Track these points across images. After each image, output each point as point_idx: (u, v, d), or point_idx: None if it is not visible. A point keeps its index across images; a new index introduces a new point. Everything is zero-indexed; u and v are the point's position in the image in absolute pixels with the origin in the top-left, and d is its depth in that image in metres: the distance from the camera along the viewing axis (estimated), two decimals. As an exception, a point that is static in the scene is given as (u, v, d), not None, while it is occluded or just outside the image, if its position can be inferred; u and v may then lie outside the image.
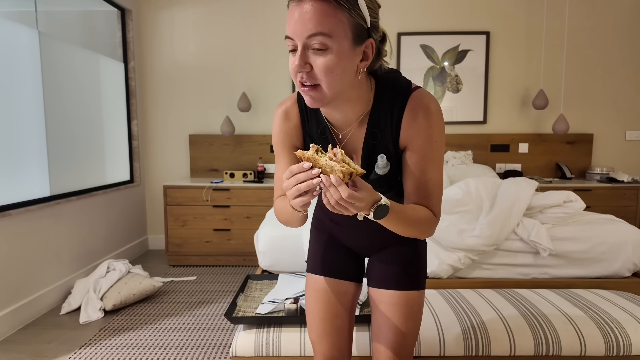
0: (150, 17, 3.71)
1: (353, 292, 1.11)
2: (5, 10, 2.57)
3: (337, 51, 0.76)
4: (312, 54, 0.76)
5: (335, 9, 0.74)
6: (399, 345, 1.02)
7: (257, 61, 3.74)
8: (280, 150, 0.99)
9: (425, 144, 0.87)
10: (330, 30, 0.74)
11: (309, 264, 1.14)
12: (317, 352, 1.09)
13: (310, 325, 1.09)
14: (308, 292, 1.11)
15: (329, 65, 0.76)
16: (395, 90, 0.88)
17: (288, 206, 0.87)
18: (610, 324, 1.46)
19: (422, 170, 0.88)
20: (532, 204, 2.20)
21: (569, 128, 3.48)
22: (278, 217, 0.97)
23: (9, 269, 2.25)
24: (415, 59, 3.70)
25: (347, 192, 0.70)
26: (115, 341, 2.13)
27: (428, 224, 0.88)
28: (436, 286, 2.09)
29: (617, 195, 3.28)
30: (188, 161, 3.86)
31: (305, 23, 0.74)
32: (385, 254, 1.06)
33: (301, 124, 0.97)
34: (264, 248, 2.19)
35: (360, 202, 0.73)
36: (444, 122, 0.89)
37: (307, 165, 0.73)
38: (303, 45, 0.76)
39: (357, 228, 1.07)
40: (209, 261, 3.40)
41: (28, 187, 2.43)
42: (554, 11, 3.64)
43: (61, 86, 2.74)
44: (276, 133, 0.98)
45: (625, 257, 2.10)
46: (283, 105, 0.98)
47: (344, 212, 0.74)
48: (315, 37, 0.74)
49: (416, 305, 1.03)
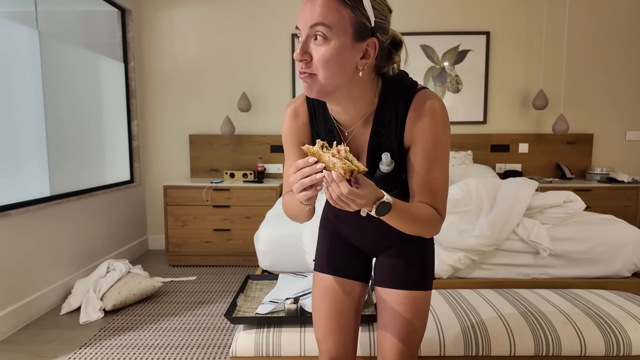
0: (151, 17, 3.71)
1: (360, 291, 1.12)
2: (6, 10, 2.57)
3: (336, 44, 0.79)
4: (313, 44, 0.80)
5: (338, 5, 0.78)
6: (404, 344, 1.02)
7: (257, 61, 3.74)
8: (290, 147, 1.02)
9: (430, 143, 0.88)
10: (331, 22, 0.78)
11: (316, 263, 1.15)
12: (322, 351, 1.10)
13: (317, 323, 1.10)
14: (315, 290, 1.13)
15: (326, 57, 0.79)
16: (400, 90, 0.90)
17: (295, 201, 0.90)
18: (610, 324, 1.46)
19: (427, 169, 0.89)
20: (532, 204, 2.20)
21: (569, 128, 3.48)
22: (286, 212, 1.00)
23: (9, 269, 2.25)
24: (415, 59, 3.70)
25: (347, 189, 0.72)
26: (115, 341, 2.13)
27: (432, 222, 0.88)
28: (436, 286, 2.09)
29: (617, 195, 3.28)
30: (188, 161, 3.86)
31: (311, 13, 0.78)
32: (392, 253, 1.07)
33: (309, 122, 1.00)
34: (264, 248, 2.19)
35: (361, 199, 0.74)
36: (449, 122, 0.90)
37: (311, 160, 0.75)
38: (307, 34, 0.80)
39: (364, 226, 1.08)
40: (209, 261, 3.40)
41: (28, 187, 2.43)
42: (554, 11, 3.65)
43: (61, 86, 2.74)
44: (286, 131, 1.01)
45: (626, 257, 2.10)
46: (293, 104, 1.00)
47: (346, 208, 0.76)
48: (317, 26, 0.78)
49: (422, 306, 1.03)
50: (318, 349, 1.13)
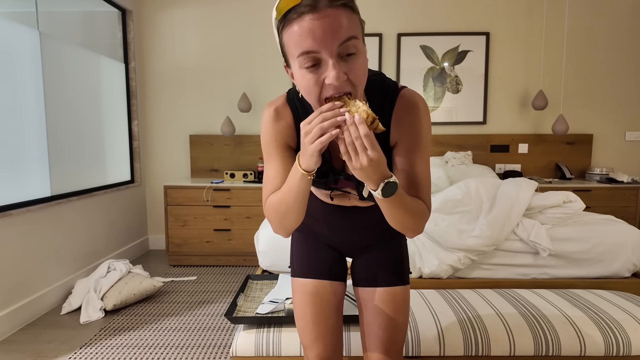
0: (151, 18, 3.72)
1: (341, 291, 1.12)
2: (6, 10, 2.57)
3: (364, 52, 0.77)
4: (344, 61, 0.74)
5: (352, 12, 0.74)
6: (389, 341, 1.03)
7: (257, 61, 3.75)
8: (273, 149, 0.94)
9: (415, 139, 0.89)
10: (357, 33, 0.74)
11: (294, 269, 1.13)
12: (310, 357, 1.08)
13: (303, 329, 1.08)
14: (297, 296, 1.10)
15: (364, 68, 0.76)
16: (384, 90, 0.91)
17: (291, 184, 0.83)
18: (610, 324, 1.47)
19: (412, 164, 0.89)
20: (531, 204, 2.20)
21: (568, 128, 3.49)
22: (274, 212, 0.90)
23: (10, 269, 2.25)
24: (415, 60, 3.71)
25: (366, 131, 0.69)
26: (115, 341, 2.13)
27: (423, 215, 0.89)
28: (436, 286, 2.09)
29: (617, 195, 3.28)
30: (188, 161, 3.86)
31: (335, 31, 0.71)
32: (368, 253, 1.09)
33: (295, 124, 0.94)
34: (264, 248, 2.20)
35: (374, 151, 0.71)
36: (430, 118, 0.90)
37: (338, 104, 0.72)
38: (337, 54, 0.73)
39: (342, 225, 1.08)
40: (209, 261, 3.40)
41: (29, 187, 2.44)
42: (554, 11, 3.65)
43: (62, 87, 2.75)
44: (268, 132, 0.94)
45: (625, 258, 2.10)
46: (273, 105, 0.94)
47: (352, 161, 0.72)
48: (349, 41, 0.73)
49: (402, 301, 1.05)
50: (305, 356, 1.10)
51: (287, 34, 0.74)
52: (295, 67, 0.76)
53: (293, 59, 0.75)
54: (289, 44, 0.75)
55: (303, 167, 0.79)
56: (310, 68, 0.74)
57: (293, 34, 0.72)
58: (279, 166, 0.94)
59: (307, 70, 0.74)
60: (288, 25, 0.73)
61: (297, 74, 0.77)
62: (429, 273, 2.10)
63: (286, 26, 0.73)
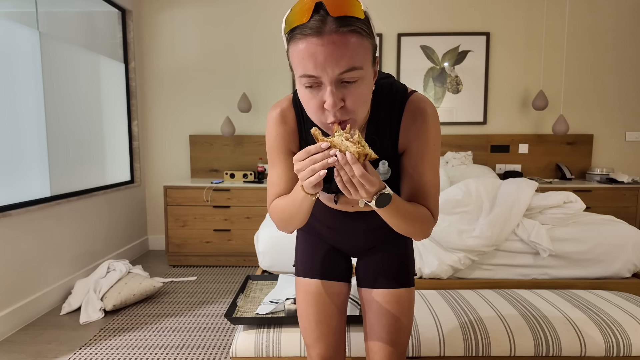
0: (151, 18, 3.72)
1: (345, 292, 1.12)
2: (6, 10, 2.57)
3: (367, 79, 0.75)
4: (342, 87, 0.73)
5: (361, 38, 0.71)
6: (393, 343, 1.03)
7: (257, 62, 3.75)
8: (276, 155, 0.94)
9: (423, 147, 0.88)
10: (361, 62, 0.72)
11: (298, 268, 1.13)
12: (313, 356, 1.08)
13: (306, 329, 1.09)
14: (300, 296, 1.11)
15: (363, 97, 0.75)
16: (392, 95, 0.89)
17: (294, 199, 0.84)
18: (610, 324, 1.46)
19: (420, 172, 0.89)
20: (532, 204, 2.20)
21: (568, 129, 3.49)
22: (280, 217, 0.92)
23: (10, 269, 2.25)
24: (415, 60, 3.71)
25: (361, 171, 0.70)
26: (115, 341, 2.13)
27: (427, 222, 0.88)
28: (436, 287, 2.09)
29: (617, 196, 3.28)
30: (188, 162, 3.86)
31: (337, 60, 0.70)
32: (374, 254, 1.08)
33: (297, 129, 0.93)
34: (264, 248, 2.20)
35: (371, 185, 0.72)
36: (439, 124, 0.89)
37: (325, 145, 0.71)
38: (335, 80, 0.72)
39: (352, 231, 1.07)
40: (209, 261, 3.40)
41: (28, 187, 2.44)
42: (554, 12, 3.65)
43: (62, 87, 2.75)
44: (272, 137, 0.93)
45: (625, 258, 2.10)
46: (278, 107, 0.93)
47: (352, 194, 0.73)
48: (348, 73, 0.71)
49: (407, 303, 1.05)
50: (307, 355, 1.11)
51: (292, 49, 0.74)
52: (298, 81, 0.76)
53: (296, 74, 0.76)
54: (293, 59, 0.75)
55: (305, 190, 0.79)
56: (310, 88, 0.74)
57: (297, 52, 0.72)
58: (282, 172, 0.95)
59: (308, 90, 0.75)
60: (294, 41, 0.73)
61: (299, 88, 0.77)
62: (429, 273, 2.09)
63: (292, 41, 0.73)
